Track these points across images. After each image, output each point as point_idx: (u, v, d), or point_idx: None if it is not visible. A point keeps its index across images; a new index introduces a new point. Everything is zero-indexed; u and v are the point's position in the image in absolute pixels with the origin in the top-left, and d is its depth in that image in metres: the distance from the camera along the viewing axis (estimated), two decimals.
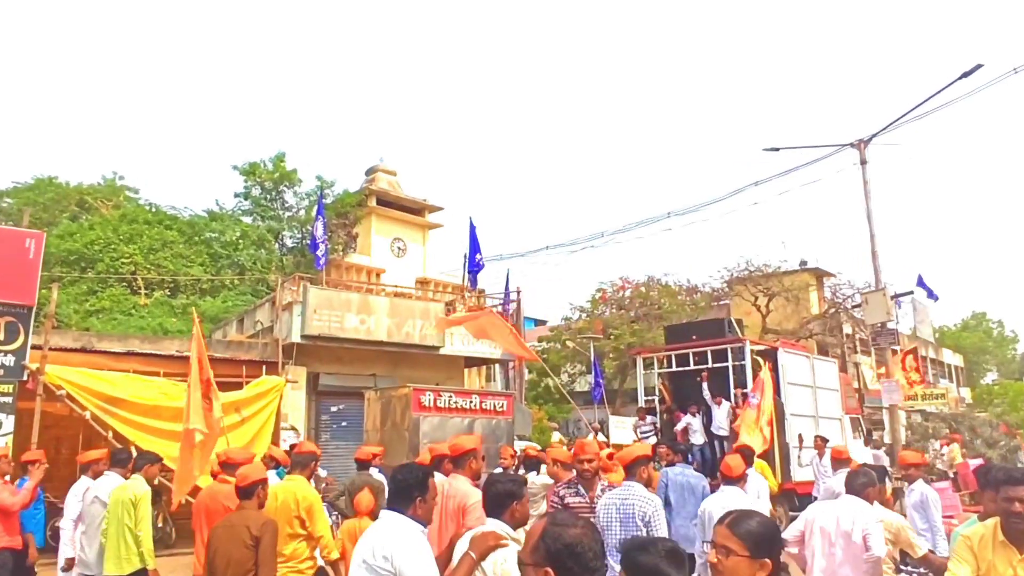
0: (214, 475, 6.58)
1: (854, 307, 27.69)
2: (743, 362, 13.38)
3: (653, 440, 13.54)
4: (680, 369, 14.61)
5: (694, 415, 13.58)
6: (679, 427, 13.64)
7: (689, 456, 8.69)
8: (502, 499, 3.32)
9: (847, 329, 30.62)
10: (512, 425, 13.20)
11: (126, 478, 6.11)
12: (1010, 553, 3.11)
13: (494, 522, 3.25)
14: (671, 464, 7.65)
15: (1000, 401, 34.49)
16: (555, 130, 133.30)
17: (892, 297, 17.54)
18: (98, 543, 5.91)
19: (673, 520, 6.75)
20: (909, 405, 22.79)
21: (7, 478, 6.81)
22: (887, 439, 16.30)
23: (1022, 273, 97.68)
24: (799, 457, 12.89)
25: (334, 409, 15.23)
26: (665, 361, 15.29)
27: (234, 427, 10.90)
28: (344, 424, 15.08)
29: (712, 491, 6.60)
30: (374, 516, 5.88)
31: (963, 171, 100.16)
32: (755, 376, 12.75)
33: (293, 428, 13.17)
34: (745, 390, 12.90)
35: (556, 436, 20.47)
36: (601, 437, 16.28)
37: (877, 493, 4.93)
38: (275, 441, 11.78)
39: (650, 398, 15.42)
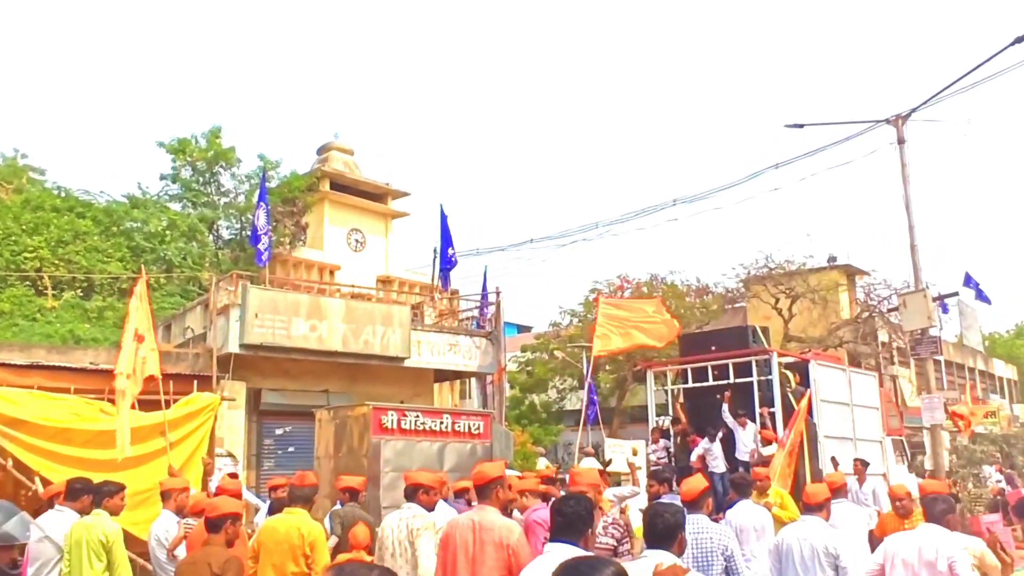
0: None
1: (890, 311, 28.00)
2: (769, 376, 13.52)
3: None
4: (697, 385, 14.77)
5: (712, 440, 13.49)
6: (696, 454, 13.55)
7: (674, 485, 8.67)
8: (672, 530, 3.99)
9: (882, 337, 30.98)
10: (491, 450, 13.23)
11: (83, 513, 6.13)
12: None
13: (663, 553, 3.85)
14: (656, 496, 7.64)
15: None
16: (542, 105, 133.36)
17: (935, 299, 17.79)
18: None
19: None
20: (954, 426, 23.13)
21: None
22: (927, 464, 16.49)
23: None
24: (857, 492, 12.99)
25: (279, 432, 15.18)
26: (680, 376, 15.49)
27: (157, 454, 10.83)
28: (291, 449, 15.03)
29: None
30: (370, 550, 6.04)
31: (1018, 152, 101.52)
32: (783, 400, 12.97)
33: (230, 455, 13.12)
34: (772, 409, 13.08)
35: (543, 462, 20.51)
36: (593, 463, 16.35)
37: (958, 520, 5.28)
38: (208, 471, 11.72)
39: (662, 416, 15.72)
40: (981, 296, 26.69)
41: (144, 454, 10.73)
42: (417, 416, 12.55)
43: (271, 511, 8.40)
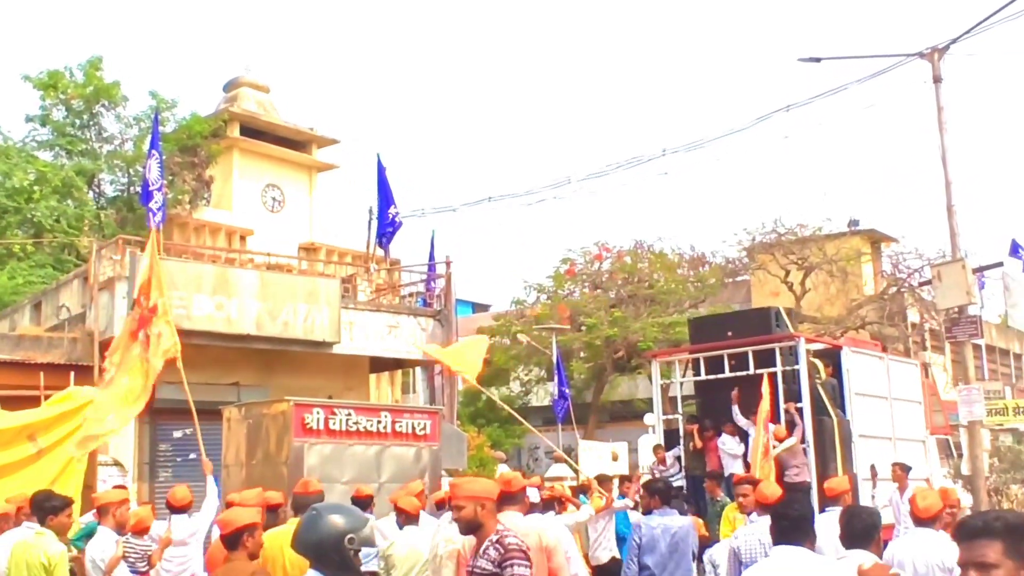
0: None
1: (922, 284, 28.38)
2: (796, 367, 13.64)
3: (682, 482, 14.12)
4: (712, 377, 14.93)
5: (732, 434, 13.88)
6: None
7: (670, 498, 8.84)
8: (869, 531, 5.00)
9: (913, 316, 31.42)
10: (438, 455, 13.27)
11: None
12: None
13: (864, 553, 4.79)
14: (647, 511, 7.75)
15: None
16: (504, 35, 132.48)
17: (974, 271, 18.09)
18: None
19: None
20: (995, 422, 23.64)
21: None
22: (964, 469, 16.87)
23: None
24: (873, 495, 13.25)
25: (178, 435, 15.07)
26: (691, 366, 15.76)
27: (27, 462, 10.71)
28: (192, 457, 14.92)
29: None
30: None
31: None
32: (812, 393, 13.35)
33: (117, 463, 13.02)
34: (799, 404, 13.28)
35: (503, 468, 20.62)
36: (563, 470, 16.51)
37: None
38: (90, 482, 11.61)
39: (672, 415, 16.24)
40: None
41: (7, 463, 10.60)
42: (349, 414, 12.52)
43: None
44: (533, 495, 9.15)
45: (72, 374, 12.84)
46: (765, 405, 12.04)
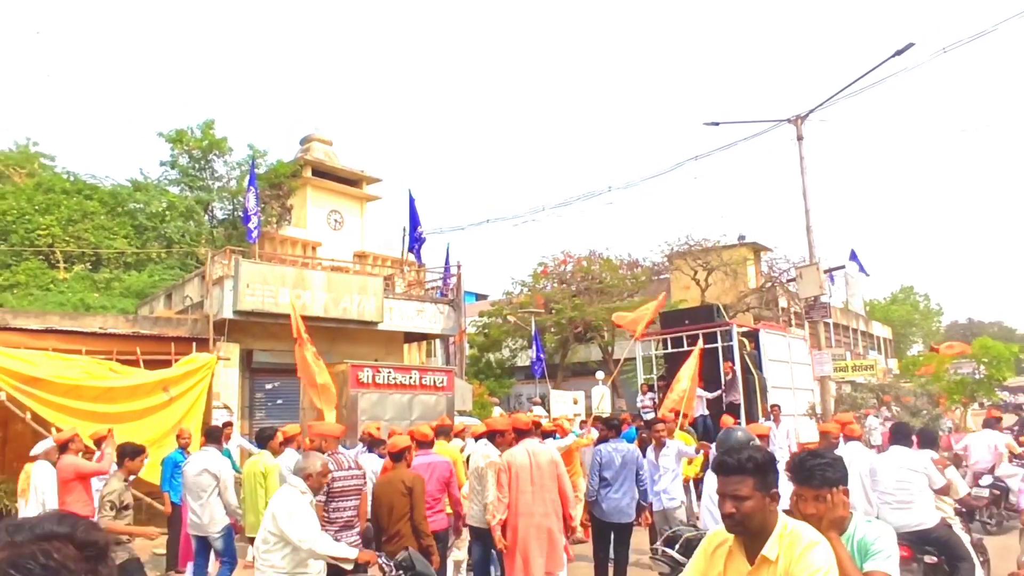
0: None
1: (789, 281, 28.51)
2: (730, 343, 14.77)
3: (652, 415, 14.35)
4: (675, 350, 15.80)
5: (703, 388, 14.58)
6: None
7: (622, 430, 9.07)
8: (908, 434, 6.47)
9: (783, 303, 31.56)
10: (452, 400, 13.26)
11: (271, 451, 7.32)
12: (740, 562, 2.48)
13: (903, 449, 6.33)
14: (606, 440, 7.76)
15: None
16: (496, 102, 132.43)
17: (825, 271, 18.17)
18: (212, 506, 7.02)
19: (606, 495, 7.04)
20: (840, 376, 23.77)
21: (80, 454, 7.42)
22: (818, 410, 16.94)
23: (947, 248, 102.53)
24: (773, 427, 13.47)
25: (269, 387, 15.00)
26: (661, 343, 16.68)
27: (162, 407, 10.68)
28: (280, 402, 14.87)
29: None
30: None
31: (895, 147, 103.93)
32: (741, 359, 14.50)
33: (226, 407, 12.94)
34: (733, 366, 14.45)
35: (497, 411, 20.62)
36: (541, 411, 16.52)
37: None
38: (207, 420, 11.56)
39: (649, 376, 16.80)
40: (862, 269, 27.33)
41: (147, 407, 10.57)
42: (389, 372, 12.51)
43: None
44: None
45: (193, 344, 12.77)
46: (693, 362, 12.00)
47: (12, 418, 10.33)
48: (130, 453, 6.19)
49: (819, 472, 2.63)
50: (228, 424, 10.58)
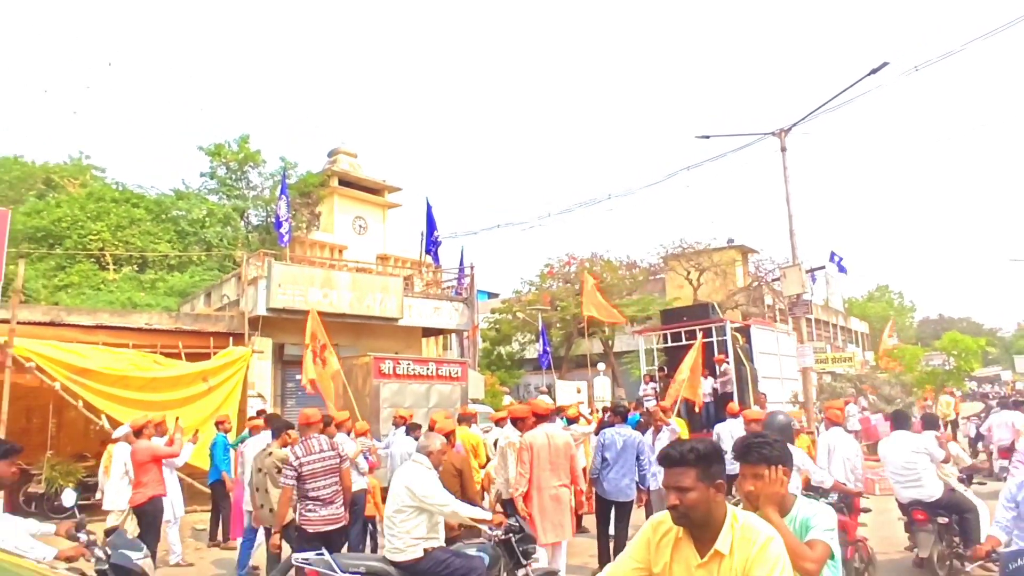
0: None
1: (774, 280, 28.33)
2: (724, 337, 14.88)
3: (653, 403, 14.42)
4: (675, 344, 15.85)
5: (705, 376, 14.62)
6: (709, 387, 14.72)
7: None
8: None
9: (768, 300, 31.37)
10: (466, 389, 13.24)
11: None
12: (690, 553, 2.22)
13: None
14: (611, 424, 7.76)
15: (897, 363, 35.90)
16: (507, 118, 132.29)
17: (807, 271, 17.99)
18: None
19: (607, 474, 7.10)
20: (821, 367, 23.61)
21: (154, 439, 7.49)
22: (801, 398, 16.81)
23: (920, 249, 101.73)
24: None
25: (299, 377, 14.98)
26: (662, 338, 16.70)
27: (202, 395, 10.69)
28: (309, 391, 14.86)
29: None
30: None
31: (870, 157, 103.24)
32: (734, 353, 14.43)
33: (260, 395, 12.95)
34: (727, 359, 14.43)
35: (507, 399, 20.58)
36: (547, 399, 16.46)
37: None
38: (242, 408, 11.57)
39: (651, 367, 16.87)
40: (842, 269, 27.10)
41: (188, 396, 10.58)
42: (409, 364, 12.49)
43: None
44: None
45: (230, 339, 12.77)
46: (694, 354, 12.13)
47: (66, 406, 10.37)
48: (284, 426, 6.67)
49: (756, 450, 2.51)
50: (261, 412, 10.58)
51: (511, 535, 4.95)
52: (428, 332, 18.22)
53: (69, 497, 5.14)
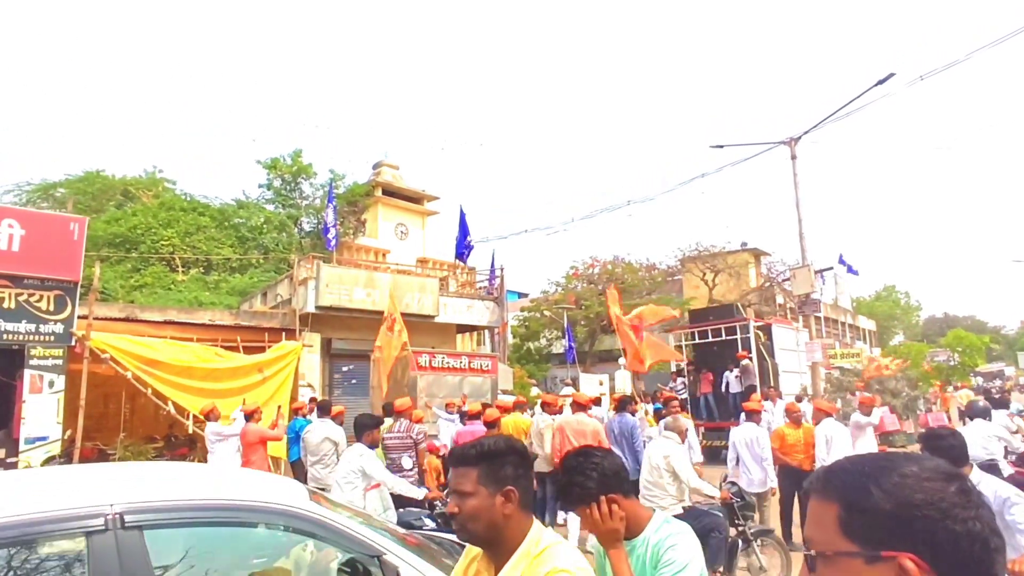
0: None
1: (784, 281, 27.78)
2: (747, 335, 14.97)
3: (685, 395, 15.19)
4: (702, 341, 16.07)
5: (730, 371, 14.74)
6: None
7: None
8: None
9: (780, 300, 30.76)
10: (496, 381, 13.20)
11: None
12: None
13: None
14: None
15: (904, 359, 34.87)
16: (535, 131, 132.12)
17: (816, 272, 17.62)
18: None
19: None
20: (831, 363, 23.02)
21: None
22: (810, 391, 16.43)
23: (926, 250, 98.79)
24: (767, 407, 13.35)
25: (345, 369, 15.11)
26: (690, 336, 16.79)
27: (257, 384, 10.79)
28: (354, 382, 14.97)
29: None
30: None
31: (877, 161, 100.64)
32: (757, 349, 14.54)
33: (309, 385, 13.08)
34: (749, 355, 14.38)
35: (535, 391, 20.50)
36: (571, 390, 16.32)
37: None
38: (294, 396, 11.69)
39: (679, 365, 16.86)
40: (850, 270, 26.46)
41: (245, 385, 10.71)
42: (444, 357, 12.49)
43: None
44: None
45: (283, 334, 12.92)
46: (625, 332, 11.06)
47: (138, 393, 10.58)
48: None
49: (567, 494, 1.93)
50: (313, 400, 10.67)
51: (735, 500, 5.67)
52: (462, 329, 18.20)
53: None
